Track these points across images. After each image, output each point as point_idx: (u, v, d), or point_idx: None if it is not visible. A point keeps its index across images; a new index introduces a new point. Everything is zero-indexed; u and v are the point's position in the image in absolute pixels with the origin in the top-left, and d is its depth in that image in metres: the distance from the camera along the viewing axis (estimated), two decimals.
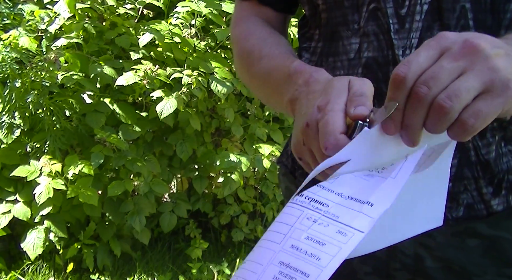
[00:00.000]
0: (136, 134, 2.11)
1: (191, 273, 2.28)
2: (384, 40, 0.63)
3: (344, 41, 0.66)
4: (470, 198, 0.64)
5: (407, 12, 0.61)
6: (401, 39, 0.62)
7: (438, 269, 0.67)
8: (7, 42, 1.85)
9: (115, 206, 2.17)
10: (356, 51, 0.65)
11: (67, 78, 1.90)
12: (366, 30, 0.64)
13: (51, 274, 2.21)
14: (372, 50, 0.64)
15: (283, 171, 0.83)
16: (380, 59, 0.63)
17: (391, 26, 0.62)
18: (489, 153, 0.63)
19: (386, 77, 0.62)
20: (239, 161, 2.18)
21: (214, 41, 2.25)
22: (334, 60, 0.68)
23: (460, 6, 0.59)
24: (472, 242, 0.65)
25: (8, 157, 2.04)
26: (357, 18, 0.65)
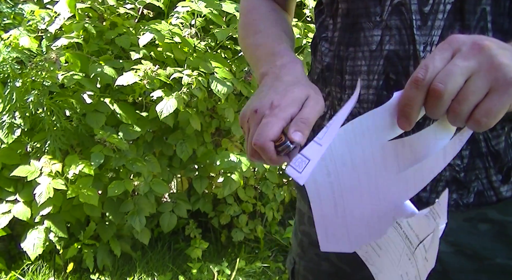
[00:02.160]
0: (136, 134, 2.11)
1: (191, 273, 2.28)
2: (406, 35, 0.65)
3: (365, 32, 0.69)
4: (480, 185, 0.67)
5: (431, 10, 0.63)
6: (423, 36, 0.64)
7: (451, 253, 0.70)
8: (7, 42, 1.85)
9: (115, 206, 2.17)
10: (378, 43, 0.68)
11: (68, 78, 1.90)
12: (389, 23, 0.66)
13: (51, 274, 2.21)
14: (394, 44, 0.66)
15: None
16: (401, 53, 0.66)
17: (414, 22, 0.64)
18: (499, 144, 0.67)
19: (407, 70, 0.65)
20: (239, 161, 2.18)
21: (214, 41, 2.26)
22: (355, 50, 0.70)
23: (481, 9, 0.62)
24: (483, 227, 0.69)
25: (8, 157, 2.03)
26: (379, 11, 0.67)
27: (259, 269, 2.36)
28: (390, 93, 0.65)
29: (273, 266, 2.42)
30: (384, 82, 0.68)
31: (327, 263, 0.84)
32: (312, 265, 0.88)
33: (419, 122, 0.59)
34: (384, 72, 0.67)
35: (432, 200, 0.69)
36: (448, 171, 0.67)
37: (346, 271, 0.81)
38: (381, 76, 0.67)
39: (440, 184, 0.68)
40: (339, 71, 0.73)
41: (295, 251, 0.91)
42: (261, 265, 2.38)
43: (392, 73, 0.66)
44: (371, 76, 0.68)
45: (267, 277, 2.35)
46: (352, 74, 0.71)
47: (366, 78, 0.69)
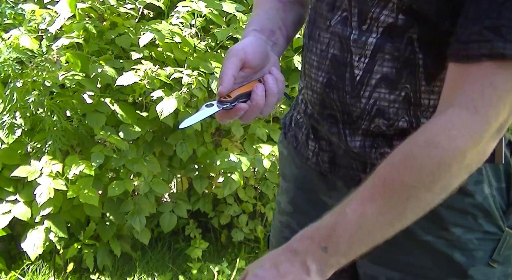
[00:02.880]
0: (136, 134, 2.11)
1: (191, 273, 2.28)
2: (345, 44, 0.74)
3: (320, 32, 0.78)
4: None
5: (367, 29, 0.72)
6: (358, 48, 0.72)
7: None
8: (8, 43, 1.85)
9: (115, 206, 2.17)
10: (326, 45, 0.77)
11: (69, 78, 1.90)
12: (335, 30, 0.75)
13: (51, 274, 2.21)
14: (336, 49, 0.75)
15: (281, 138, 0.99)
16: (340, 59, 0.75)
17: (352, 35, 0.73)
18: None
19: (343, 76, 0.74)
20: (239, 161, 2.18)
21: (214, 41, 2.25)
22: (312, 44, 0.80)
23: (408, 36, 0.69)
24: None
25: (8, 157, 2.03)
26: (330, 17, 0.75)
27: None
28: (330, 91, 0.76)
29: None
30: (328, 81, 0.76)
31: (288, 230, 0.93)
32: (276, 232, 0.98)
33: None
34: (329, 72, 0.76)
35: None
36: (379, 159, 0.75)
37: None
38: (326, 74, 0.76)
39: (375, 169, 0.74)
40: (304, 57, 0.83)
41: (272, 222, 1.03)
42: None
43: (333, 74, 0.76)
44: (319, 72, 0.78)
45: None
46: (309, 65, 0.80)
47: (316, 73, 0.78)
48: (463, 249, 0.77)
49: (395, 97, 0.72)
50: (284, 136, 0.95)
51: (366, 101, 0.73)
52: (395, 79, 0.71)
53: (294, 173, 0.93)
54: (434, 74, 0.70)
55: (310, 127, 0.85)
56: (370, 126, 0.75)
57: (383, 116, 0.73)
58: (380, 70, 0.71)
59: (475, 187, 0.75)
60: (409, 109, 0.73)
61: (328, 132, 0.80)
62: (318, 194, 0.88)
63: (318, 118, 0.81)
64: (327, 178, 0.85)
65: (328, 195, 0.86)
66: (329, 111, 0.78)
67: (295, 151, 0.91)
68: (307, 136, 0.87)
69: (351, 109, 0.75)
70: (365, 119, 0.74)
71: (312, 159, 0.86)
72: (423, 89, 0.71)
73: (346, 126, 0.77)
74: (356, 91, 0.73)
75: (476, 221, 0.76)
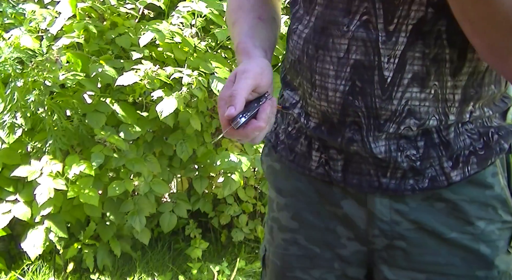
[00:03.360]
0: (136, 134, 2.11)
1: (191, 273, 2.28)
2: (371, 48, 0.71)
3: (334, 39, 0.74)
4: (433, 172, 0.76)
5: (395, 29, 0.70)
6: (387, 49, 0.71)
7: (412, 230, 0.79)
8: (9, 42, 1.85)
9: (115, 206, 2.17)
10: (345, 51, 0.73)
11: (69, 78, 1.90)
12: (356, 35, 0.72)
13: (51, 274, 2.21)
14: (360, 54, 0.72)
15: (266, 151, 0.95)
16: (366, 63, 0.72)
17: (380, 38, 0.71)
18: (449, 134, 0.76)
19: (371, 79, 0.72)
20: (239, 161, 2.18)
21: (214, 41, 2.26)
22: (324, 54, 0.76)
23: (437, 29, 0.69)
24: (438, 205, 0.78)
25: (9, 157, 2.03)
26: (346, 22, 0.72)
27: (259, 269, 2.36)
28: (355, 99, 0.74)
29: None
30: (350, 88, 0.74)
31: (295, 247, 0.89)
32: (280, 251, 0.92)
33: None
34: (351, 79, 0.73)
35: (392, 186, 0.78)
36: (406, 162, 0.76)
37: (315, 252, 0.87)
38: (348, 82, 0.74)
39: (398, 172, 0.77)
40: (308, 69, 0.78)
41: (266, 239, 0.96)
42: (261, 265, 2.38)
43: (358, 80, 0.73)
44: (338, 81, 0.74)
45: None
46: (321, 75, 0.76)
47: (334, 82, 0.75)
48: (488, 241, 0.79)
49: (425, 95, 0.72)
50: (274, 150, 0.91)
51: (398, 102, 0.72)
52: (425, 77, 0.71)
53: (293, 187, 0.89)
54: (458, 68, 0.72)
55: (316, 139, 0.82)
56: (399, 128, 0.74)
57: (415, 116, 0.73)
58: (411, 69, 0.71)
59: (493, 179, 0.78)
60: (438, 106, 0.73)
61: (348, 141, 0.77)
62: (324, 206, 0.85)
63: (335, 129, 0.78)
64: (334, 187, 0.83)
65: (338, 205, 0.83)
66: (352, 118, 0.76)
67: (292, 164, 0.87)
68: (308, 146, 0.84)
69: (380, 113, 0.73)
70: (394, 122, 0.73)
71: (317, 170, 0.83)
72: (449, 85, 0.72)
73: (370, 132, 0.75)
74: (388, 94, 0.72)
75: (496, 212, 0.79)
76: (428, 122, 0.73)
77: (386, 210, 0.79)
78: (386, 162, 0.76)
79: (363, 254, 0.84)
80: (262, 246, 0.98)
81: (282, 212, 0.91)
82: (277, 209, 0.92)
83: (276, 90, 1.96)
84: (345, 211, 0.82)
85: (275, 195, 0.92)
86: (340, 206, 0.83)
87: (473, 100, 0.75)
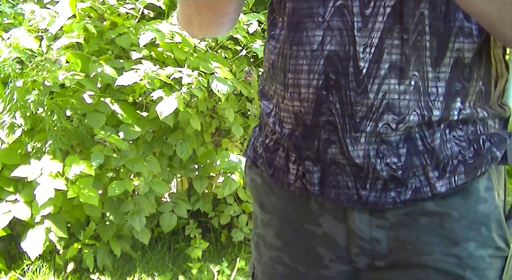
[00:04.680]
0: (136, 134, 2.11)
1: (191, 273, 2.28)
2: (347, 36, 0.67)
3: (308, 32, 0.70)
4: (418, 182, 0.70)
5: (371, 13, 0.65)
6: (363, 37, 0.66)
7: (393, 249, 0.73)
8: (8, 42, 1.85)
9: (115, 206, 2.17)
10: (319, 43, 0.69)
11: (69, 78, 1.90)
12: (331, 24, 0.68)
13: (51, 274, 2.21)
14: (334, 44, 0.68)
15: (248, 164, 0.90)
16: (341, 54, 0.67)
17: (355, 24, 0.66)
18: (434, 141, 0.69)
19: (346, 71, 0.67)
20: (239, 161, 2.18)
21: (214, 41, 2.26)
22: (297, 49, 0.72)
23: (419, 13, 0.65)
24: (423, 220, 0.70)
25: (8, 157, 2.03)
26: (322, 12, 0.69)
27: None
28: (329, 93, 0.69)
29: None
30: (324, 82, 0.69)
31: (281, 266, 0.84)
32: (267, 269, 0.88)
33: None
34: (324, 72, 0.69)
35: (372, 199, 0.70)
36: (385, 170, 0.69)
37: (301, 271, 0.82)
38: (321, 75, 0.69)
39: (379, 182, 0.70)
40: (282, 69, 0.74)
41: (253, 256, 0.92)
42: None
43: (332, 73, 0.69)
44: (311, 75, 0.70)
45: None
46: (294, 72, 0.72)
47: (307, 77, 0.70)
48: (476, 269, 0.70)
49: (405, 87, 0.67)
50: (254, 165, 0.86)
51: (374, 96, 0.67)
52: (404, 66, 0.66)
53: (274, 204, 0.84)
54: (438, 58, 0.67)
55: (292, 148, 0.76)
56: (377, 126, 0.68)
57: (393, 110, 0.67)
58: (389, 58, 0.66)
59: (487, 194, 0.71)
60: (419, 99, 0.67)
61: (324, 143, 0.71)
62: (303, 224, 0.80)
63: (309, 132, 0.73)
64: (313, 203, 0.77)
65: (316, 223, 0.78)
66: (326, 117, 0.70)
67: (271, 179, 0.82)
68: (286, 159, 0.79)
69: (355, 109, 0.68)
70: (371, 119, 0.67)
71: (295, 184, 0.77)
72: (430, 76, 0.67)
73: (346, 133, 0.69)
74: (363, 86, 0.67)
75: (489, 235, 0.71)
76: (409, 118, 0.67)
77: (365, 227, 0.73)
78: (364, 171, 0.70)
79: (348, 274, 0.78)
80: (251, 263, 0.94)
81: (267, 229, 0.86)
82: (262, 225, 0.88)
83: None
84: (324, 229, 0.77)
85: (259, 211, 0.88)
86: (319, 224, 0.78)
87: (460, 95, 0.69)
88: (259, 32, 2.31)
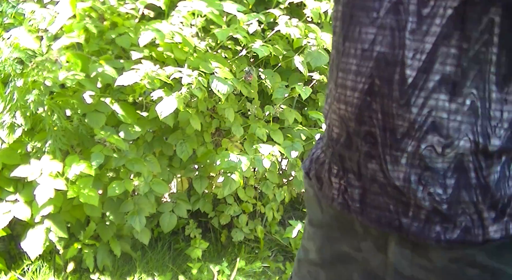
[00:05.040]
0: (136, 134, 2.11)
1: (191, 273, 2.28)
2: (398, 38, 0.59)
3: (361, 28, 0.63)
4: (469, 221, 0.61)
5: (429, 13, 0.57)
6: (414, 41, 0.58)
7: None
8: (9, 42, 1.85)
9: (115, 206, 2.17)
10: (370, 42, 0.62)
11: (69, 78, 1.90)
12: (384, 22, 0.60)
13: (51, 274, 2.21)
14: (384, 46, 0.60)
15: (303, 174, 0.85)
16: (389, 57, 0.60)
17: (408, 25, 0.58)
18: (490, 175, 0.60)
19: (391, 78, 0.60)
20: (239, 161, 2.18)
21: (214, 41, 2.26)
22: (349, 46, 0.65)
23: (488, 19, 0.54)
24: (471, 272, 0.62)
25: (9, 157, 2.03)
26: (377, 6, 0.61)
27: (259, 269, 2.36)
28: (372, 100, 0.62)
29: (273, 266, 2.42)
30: (369, 87, 0.62)
31: None
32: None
33: None
34: (371, 75, 0.62)
35: (414, 229, 0.62)
36: (428, 200, 0.61)
37: None
38: (368, 79, 0.62)
39: (422, 212, 0.62)
40: (336, 66, 0.68)
41: (294, 267, 0.90)
42: (261, 265, 2.39)
43: (377, 78, 0.61)
44: (358, 78, 0.64)
45: (267, 277, 2.36)
46: (343, 71, 0.66)
47: (354, 79, 0.64)
48: None
49: (457, 106, 0.57)
50: (308, 176, 0.82)
51: (417, 111, 0.58)
52: (458, 81, 0.56)
53: (320, 219, 0.80)
54: (508, 76, 0.56)
55: (337, 156, 0.70)
56: (419, 147, 0.59)
57: (439, 131, 0.57)
58: (441, 69, 0.56)
59: None
60: (475, 123, 0.57)
61: (365, 156, 0.64)
62: (344, 245, 0.75)
63: (351, 141, 0.66)
64: (358, 226, 0.72)
65: (356, 247, 0.73)
66: (367, 127, 0.63)
67: (319, 193, 0.77)
68: (329, 171, 0.74)
69: (396, 124, 0.60)
70: (413, 137, 0.59)
71: (338, 200, 0.72)
72: (494, 97, 0.56)
73: (387, 149, 0.61)
74: (406, 98, 0.58)
75: None
76: (458, 143, 0.58)
77: (406, 263, 0.66)
78: (405, 196, 0.62)
79: None
80: (290, 275, 0.93)
81: (310, 242, 0.84)
82: (307, 237, 0.85)
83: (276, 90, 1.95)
84: (364, 255, 0.72)
85: (307, 223, 0.85)
86: (359, 248, 0.73)
87: None
88: (259, 32, 2.31)
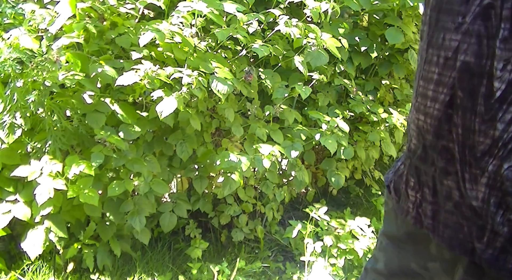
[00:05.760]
0: (136, 134, 2.11)
1: (191, 273, 2.28)
2: (486, 47, 0.54)
3: (446, 34, 0.59)
4: None
5: None
6: (506, 50, 0.52)
7: None
8: (8, 43, 1.85)
9: (115, 206, 2.17)
10: (454, 50, 0.57)
11: (69, 78, 1.90)
12: (471, 28, 0.55)
13: (51, 274, 2.21)
14: (470, 54, 0.55)
15: (386, 185, 0.82)
16: (475, 68, 0.55)
17: (500, 32, 0.52)
18: None
19: (475, 91, 0.54)
20: (239, 161, 2.18)
21: (214, 41, 2.26)
22: (432, 53, 0.61)
23: None
24: None
25: (8, 157, 2.03)
26: (463, 10, 0.56)
27: (259, 269, 2.36)
28: (454, 113, 0.56)
29: (273, 266, 2.42)
30: (451, 99, 0.57)
31: None
32: None
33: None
34: (454, 86, 0.57)
35: (488, 256, 0.57)
36: (507, 226, 0.55)
37: None
38: (450, 90, 0.57)
39: (498, 239, 0.57)
40: (418, 74, 0.64)
41: (361, 274, 0.90)
42: (261, 265, 2.39)
43: (460, 90, 0.56)
44: (440, 88, 0.59)
45: (267, 277, 2.36)
46: (425, 80, 0.62)
47: (435, 89, 0.60)
48: None
49: None
50: (388, 189, 0.79)
51: (503, 127, 0.52)
52: None
53: (394, 233, 0.78)
54: None
55: (414, 169, 0.66)
56: (502, 167, 0.53)
57: None
58: None
59: None
60: None
61: (440, 172, 0.60)
62: (411, 263, 0.72)
63: (427, 154, 0.61)
64: (432, 245, 0.67)
65: (423, 266, 0.69)
66: (444, 142, 0.58)
67: (397, 206, 0.74)
68: (406, 183, 0.70)
69: (477, 141, 0.55)
70: (495, 156, 0.53)
71: (412, 213, 0.68)
72: None
73: (466, 167, 0.56)
74: (493, 113, 0.53)
75: None
76: None
77: None
78: (482, 219, 0.57)
79: None
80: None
81: (380, 253, 0.83)
82: (378, 248, 0.85)
83: (276, 90, 1.94)
84: (431, 275, 0.69)
85: (381, 233, 0.84)
86: (426, 268, 0.69)
87: None
88: (259, 32, 2.31)
